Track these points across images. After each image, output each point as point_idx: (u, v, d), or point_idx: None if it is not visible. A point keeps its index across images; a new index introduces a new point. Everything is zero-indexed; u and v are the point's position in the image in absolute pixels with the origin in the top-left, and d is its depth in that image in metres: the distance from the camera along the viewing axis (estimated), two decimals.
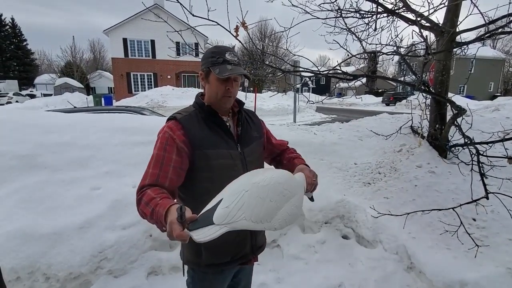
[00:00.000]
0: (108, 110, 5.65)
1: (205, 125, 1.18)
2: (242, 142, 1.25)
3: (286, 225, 1.03)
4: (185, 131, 1.14)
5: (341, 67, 2.93)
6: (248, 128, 1.31)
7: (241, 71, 1.16)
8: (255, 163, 1.28)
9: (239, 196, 0.92)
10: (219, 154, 1.16)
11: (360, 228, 2.68)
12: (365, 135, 4.29)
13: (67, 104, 9.75)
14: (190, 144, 1.13)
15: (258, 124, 1.39)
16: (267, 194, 0.97)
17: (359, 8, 3.36)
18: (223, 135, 1.20)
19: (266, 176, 1.02)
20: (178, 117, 1.18)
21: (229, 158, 1.18)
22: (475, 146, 2.54)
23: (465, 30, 3.02)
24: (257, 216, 0.93)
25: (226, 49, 1.18)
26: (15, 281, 1.90)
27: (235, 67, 1.14)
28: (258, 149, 1.34)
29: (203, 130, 1.17)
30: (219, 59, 1.15)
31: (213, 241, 0.91)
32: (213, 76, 1.16)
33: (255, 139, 1.31)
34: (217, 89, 1.17)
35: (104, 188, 2.51)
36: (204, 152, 1.14)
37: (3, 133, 2.89)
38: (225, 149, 1.18)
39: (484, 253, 2.16)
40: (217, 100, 1.20)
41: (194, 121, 1.18)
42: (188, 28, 2.44)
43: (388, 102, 25.71)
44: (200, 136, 1.15)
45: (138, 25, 23.12)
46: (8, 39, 43.36)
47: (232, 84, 1.18)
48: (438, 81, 3.35)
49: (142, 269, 2.14)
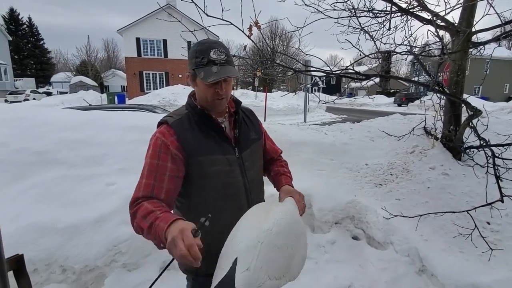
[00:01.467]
0: (121, 108, 5.77)
1: (198, 129, 1.07)
2: (240, 145, 1.14)
3: (301, 270, 0.92)
4: (178, 136, 1.04)
5: (353, 67, 2.91)
6: (246, 129, 1.20)
7: (228, 73, 1.01)
8: (253, 168, 1.19)
9: (256, 252, 0.79)
10: (213, 161, 1.06)
11: (370, 229, 2.66)
12: (376, 136, 4.24)
13: (82, 102, 10.01)
14: (184, 151, 1.03)
15: (256, 124, 1.27)
16: (283, 241, 0.86)
17: (372, 7, 3.33)
18: (218, 140, 1.09)
19: (276, 219, 0.88)
20: (169, 120, 1.07)
21: (226, 164, 1.08)
22: (491, 148, 2.49)
23: (481, 30, 2.95)
24: (279, 271, 0.82)
25: (210, 46, 1.03)
26: (33, 272, 1.97)
27: (221, 68, 1.01)
28: (257, 152, 1.23)
29: (196, 135, 1.06)
30: (203, 60, 1.01)
31: (213, 251, 0.85)
32: (198, 79, 1.05)
33: (253, 141, 1.20)
34: (205, 93, 1.06)
35: (118, 184, 2.57)
36: (198, 159, 1.04)
37: (22, 130, 3.00)
38: (221, 154, 1.08)
39: (497, 257, 2.12)
40: (208, 103, 1.08)
41: (186, 125, 1.07)
42: (201, 29, 2.48)
43: (400, 102, 25.27)
44: (193, 142, 1.05)
45: (150, 25, 23.46)
46: (26, 38, 44.62)
47: (222, 86, 1.04)
48: (453, 82, 3.28)
49: (154, 264, 2.19)
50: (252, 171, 1.17)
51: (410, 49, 2.93)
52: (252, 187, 1.16)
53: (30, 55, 44.80)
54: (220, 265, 0.80)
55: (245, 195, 1.13)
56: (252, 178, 1.17)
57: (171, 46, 24.53)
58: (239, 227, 0.89)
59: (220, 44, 1.06)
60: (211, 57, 1.01)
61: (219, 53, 1.02)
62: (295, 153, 3.66)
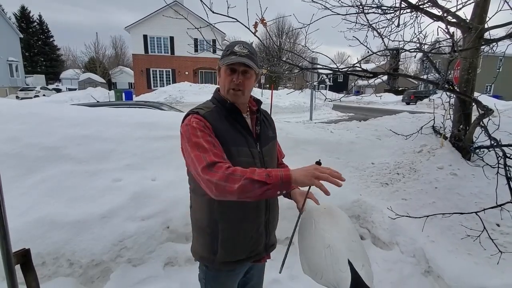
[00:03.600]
0: (128, 105, 5.83)
1: (227, 122, 1.16)
2: (260, 141, 1.24)
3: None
4: (212, 125, 1.11)
5: (361, 64, 2.87)
6: (265, 128, 1.30)
7: (243, 60, 1.10)
8: (271, 163, 1.27)
9: (355, 249, 0.93)
10: (241, 152, 1.14)
11: (376, 229, 2.63)
12: (383, 135, 4.19)
13: (90, 98, 10.13)
14: (217, 138, 1.10)
15: (272, 124, 1.38)
16: (356, 235, 1.02)
17: (381, 3, 3.27)
18: (244, 133, 1.19)
19: (345, 218, 1.06)
20: (201, 112, 1.14)
21: (250, 156, 1.16)
22: (502, 149, 2.43)
23: (494, 27, 2.88)
24: (367, 258, 0.96)
25: (237, 42, 1.17)
26: (41, 265, 2.01)
27: (239, 57, 1.10)
28: (274, 149, 1.33)
29: (226, 127, 1.14)
30: (227, 51, 1.14)
31: (231, 240, 0.95)
32: (221, 69, 1.16)
33: (271, 139, 1.31)
34: (224, 81, 1.16)
35: (125, 180, 2.60)
36: (228, 148, 1.11)
37: (32, 126, 3.05)
38: (247, 147, 1.16)
39: (507, 260, 2.08)
40: (225, 93, 1.18)
41: (217, 117, 1.15)
42: (207, 25, 2.47)
43: (409, 101, 24.91)
44: (224, 133, 1.12)
45: (157, 22, 23.56)
46: (36, 35, 45.32)
47: (238, 76, 1.13)
48: (463, 80, 3.21)
49: (159, 260, 2.21)
50: (270, 166, 1.24)
51: (419, 47, 2.87)
52: None
53: (40, 52, 45.53)
54: (335, 270, 0.88)
55: None
56: None
57: (178, 43, 24.63)
58: (323, 236, 0.97)
59: (245, 42, 1.19)
60: (234, 49, 1.13)
61: (243, 47, 1.13)
62: (300, 151, 3.64)
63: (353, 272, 0.86)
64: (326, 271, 0.89)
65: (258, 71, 1.19)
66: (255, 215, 1.20)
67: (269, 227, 1.28)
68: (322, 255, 0.92)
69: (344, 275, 0.86)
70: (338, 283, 0.86)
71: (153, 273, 2.14)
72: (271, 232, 1.31)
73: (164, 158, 2.95)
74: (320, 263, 0.91)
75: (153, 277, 2.13)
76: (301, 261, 1.03)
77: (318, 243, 0.95)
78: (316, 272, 0.92)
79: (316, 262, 0.92)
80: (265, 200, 1.21)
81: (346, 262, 0.87)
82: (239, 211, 1.15)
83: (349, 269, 0.86)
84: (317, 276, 0.92)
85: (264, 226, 1.24)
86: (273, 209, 1.29)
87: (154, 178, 2.68)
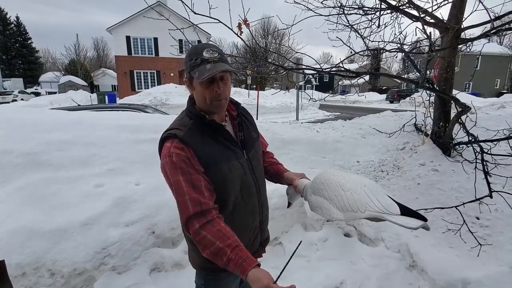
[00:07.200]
0: (111, 108, 5.68)
1: (211, 139, 1.08)
2: (246, 147, 1.18)
3: None
4: (195, 150, 1.02)
5: (344, 65, 2.91)
6: (248, 130, 1.23)
7: (221, 67, 0.99)
8: (258, 166, 1.24)
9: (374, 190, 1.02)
10: (232, 167, 1.09)
11: (362, 226, 2.68)
12: (368, 133, 4.27)
13: (71, 102, 9.83)
14: (203, 164, 1.03)
15: (253, 122, 1.31)
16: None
17: (362, 4, 3.33)
18: (230, 146, 1.12)
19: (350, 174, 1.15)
20: (179, 134, 1.03)
21: (240, 168, 1.12)
22: (479, 144, 2.52)
23: (470, 27, 2.98)
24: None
25: (203, 47, 1.03)
26: (21, 276, 1.93)
27: (215, 65, 0.99)
28: (259, 149, 1.28)
29: (211, 145, 1.07)
30: (197, 61, 1.00)
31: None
32: (196, 81, 1.02)
33: (255, 140, 1.25)
34: (203, 94, 1.04)
35: (107, 186, 2.53)
36: (219, 167, 1.05)
37: (9, 131, 2.92)
38: (236, 159, 1.11)
39: (487, 252, 2.15)
40: (208, 106, 1.06)
41: (197, 136, 1.06)
42: (190, 26, 2.44)
43: (392, 99, 25.54)
44: (211, 153, 1.05)
45: (141, 23, 23.12)
46: (13, 38, 43.65)
47: (219, 84, 1.03)
48: (442, 78, 3.32)
49: (145, 266, 2.16)
50: (258, 168, 1.23)
51: (399, 47, 2.94)
52: (260, 183, 1.23)
53: (18, 55, 43.88)
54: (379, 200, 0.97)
55: (256, 192, 1.20)
56: (259, 175, 1.23)
57: (162, 44, 24.25)
58: (354, 180, 1.06)
59: (212, 45, 1.07)
60: (204, 56, 1.01)
61: (212, 52, 1.02)
62: (287, 151, 3.66)
63: (395, 201, 0.97)
64: (370, 203, 0.97)
65: (232, 71, 1.10)
66: (251, 220, 1.20)
67: (263, 225, 1.29)
68: (363, 192, 1.00)
69: (390, 201, 0.96)
70: (387, 208, 0.95)
71: (139, 280, 2.09)
72: (264, 229, 1.32)
73: (148, 162, 2.89)
74: (360, 199, 0.98)
75: (139, 283, 2.08)
76: (328, 211, 1.05)
77: (355, 184, 1.03)
78: (357, 209, 0.98)
79: (357, 199, 0.98)
80: (257, 202, 1.21)
81: (386, 194, 0.99)
82: (235, 221, 1.12)
83: (390, 198, 0.98)
84: (360, 211, 0.98)
85: (259, 226, 1.25)
86: (265, 208, 1.29)
87: (138, 182, 2.62)
